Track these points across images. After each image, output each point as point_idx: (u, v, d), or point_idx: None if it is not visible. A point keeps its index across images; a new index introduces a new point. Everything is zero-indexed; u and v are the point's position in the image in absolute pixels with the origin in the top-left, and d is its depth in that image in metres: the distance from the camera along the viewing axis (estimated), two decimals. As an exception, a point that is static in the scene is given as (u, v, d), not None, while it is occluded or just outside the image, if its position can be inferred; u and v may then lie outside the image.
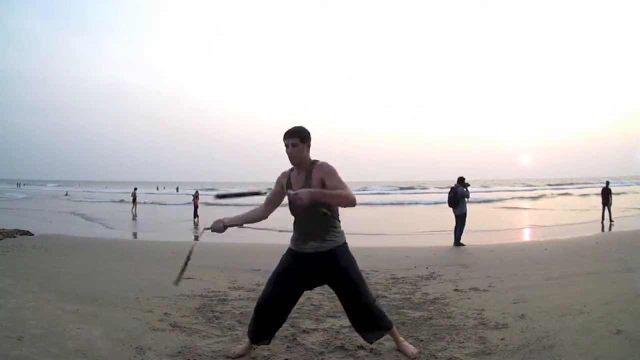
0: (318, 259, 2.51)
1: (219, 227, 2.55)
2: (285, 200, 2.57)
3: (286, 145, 2.48)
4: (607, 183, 14.19)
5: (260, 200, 2.72)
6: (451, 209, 9.38)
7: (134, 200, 21.46)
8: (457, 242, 8.89)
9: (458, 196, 9.20)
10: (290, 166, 2.59)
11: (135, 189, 22.92)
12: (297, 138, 2.46)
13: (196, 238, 2.49)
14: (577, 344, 2.53)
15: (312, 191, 2.33)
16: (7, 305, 3.17)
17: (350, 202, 2.38)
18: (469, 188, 9.44)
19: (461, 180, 9.35)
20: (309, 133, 2.51)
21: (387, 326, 2.62)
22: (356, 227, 11.95)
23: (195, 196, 17.23)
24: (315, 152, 2.59)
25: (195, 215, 16.78)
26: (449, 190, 9.56)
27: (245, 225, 2.71)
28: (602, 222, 13.30)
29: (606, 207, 13.67)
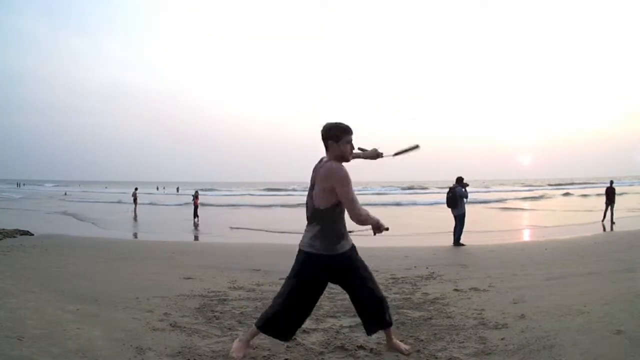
0: (349, 253, 2.53)
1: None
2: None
3: (352, 141, 2.49)
4: (611, 182, 14.11)
5: None
6: (450, 209, 9.40)
7: (135, 200, 21.49)
8: (457, 242, 8.90)
9: (457, 196, 9.20)
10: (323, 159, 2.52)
11: (136, 189, 23.00)
12: None
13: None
14: (577, 344, 2.53)
15: None
16: (7, 305, 3.18)
17: None
18: (467, 188, 9.44)
19: (460, 180, 9.34)
20: None
21: (391, 321, 2.63)
22: (356, 227, 11.93)
23: (195, 196, 17.22)
24: (316, 152, 2.59)
25: (195, 215, 16.77)
26: (447, 190, 9.57)
27: None
28: (602, 222, 13.28)
29: (609, 207, 13.58)
